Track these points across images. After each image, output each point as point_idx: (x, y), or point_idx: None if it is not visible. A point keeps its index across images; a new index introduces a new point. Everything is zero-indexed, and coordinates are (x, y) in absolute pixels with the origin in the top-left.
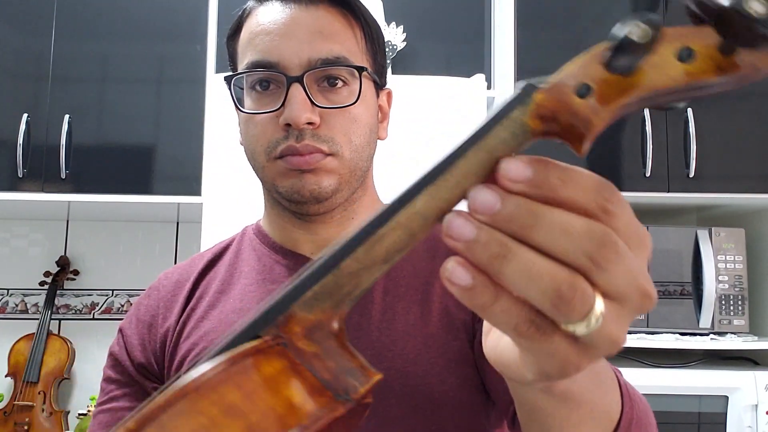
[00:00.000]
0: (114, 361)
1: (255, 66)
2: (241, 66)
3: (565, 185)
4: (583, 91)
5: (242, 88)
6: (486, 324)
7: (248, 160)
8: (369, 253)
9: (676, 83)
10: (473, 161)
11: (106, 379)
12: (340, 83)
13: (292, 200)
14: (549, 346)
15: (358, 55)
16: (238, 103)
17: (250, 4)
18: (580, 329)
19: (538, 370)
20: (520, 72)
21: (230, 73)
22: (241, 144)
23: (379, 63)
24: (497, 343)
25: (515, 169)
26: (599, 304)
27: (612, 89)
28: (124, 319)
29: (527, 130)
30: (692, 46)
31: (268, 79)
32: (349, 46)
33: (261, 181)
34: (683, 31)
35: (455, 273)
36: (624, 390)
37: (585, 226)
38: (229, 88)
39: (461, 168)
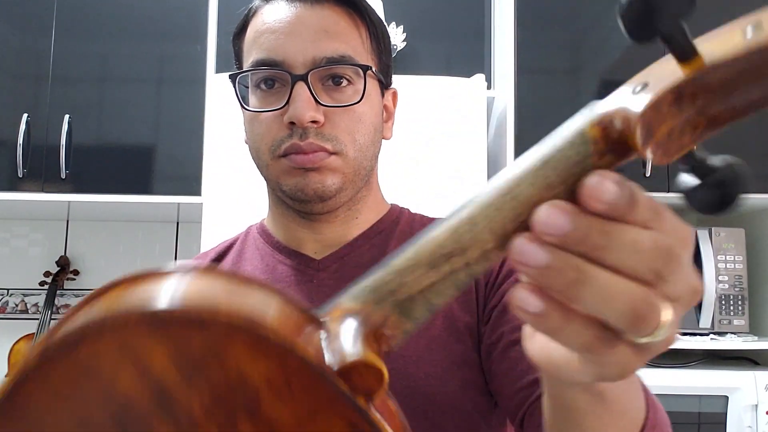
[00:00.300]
0: None
1: (260, 64)
2: (246, 64)
3: (632, 206)
4: (639, 89)
5: (247, 87)
6: (527, 327)
7: (252, 158)
8: (416, 253)
9: (737, 52)
10: (534, 177)
11: None
12: (344, 82)
13: (295, 198)
14: (613, 356)
15: (363, 55)
16: (243, 101)
17: (256, 2)
18: (647, 339)
19: (596, 375)
20: (520, 72)
21: (235, 71)
22: (246, 142)
23: (384, 62)
24: (545, 346)
25: (606, 189)
26: (667, 315)
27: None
28: None
29: (587, 140)
30: (763, 20)
31: (273, 78)
32: (354, 45)
33: (265, 179)
34: (756, 15)
35: (527, 301)
36: (647, 395)
37: (653, 241)
38: (234, 87)
39: (523, 180)
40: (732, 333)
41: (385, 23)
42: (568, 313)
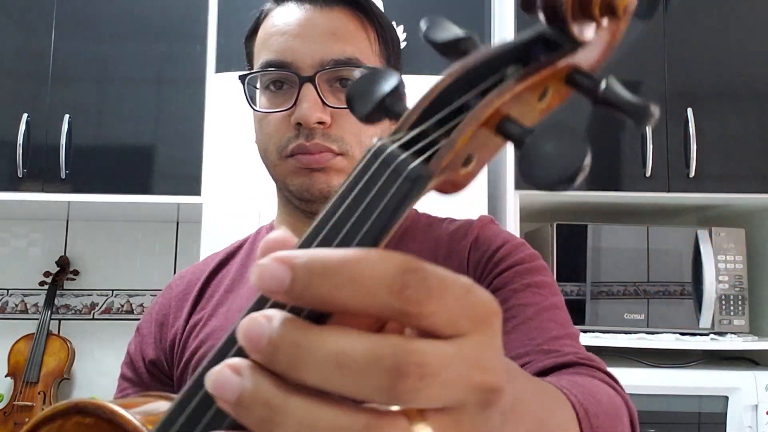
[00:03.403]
0: (129, 359)
1: (269, 66)
2: (257, 66)
3: (341, 287)
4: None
5: (257, 88)
6: None
7: (261, 158)
8: None
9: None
10: None
11: (122, 376)
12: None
13: (302, 198)
14: None
15: (371, 57)
16: (252, 102)
17: (267, 5)
18: None
19: None
20: None
21: (244, 72)
22: (256, 143)
23: (392, 65)
24: None
25: (270, 269)
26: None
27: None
28: (142, 318)
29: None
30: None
31: (282, 79)
32: (362, 47)
33: (273, 179)
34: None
35: None
36: (579, 410)
37: (368, 353)
38: (243, 87)
39: None
40: (732, 333)
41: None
42: None
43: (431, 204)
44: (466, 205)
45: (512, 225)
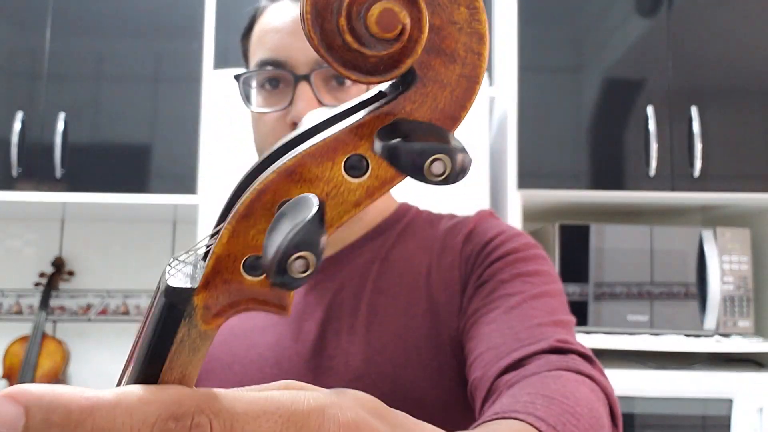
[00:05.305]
0: None
1: (264, 64)
2: (252, 64)
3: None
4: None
5: (252, 87)
6: None
7: (258, 158)
8: None
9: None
10: None
11: None
12: (348, 82)
13: None
14: None
15: None
16: (248, 101)
17: (262, 3)
18: None
19: None
20: (523, 69)
21: (239, 72)
22: (254, 142)
23: None
24: None
25: None
26: None
27: None
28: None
29: (208, 336)
30: None
31: (277, 78)
32: None
33: None
34: None
35: None
36: None
37: None
38: (239, 87)
39: None
40: (737, 334)
41: None
42: None
43: (434, 203)
44: (467, 205)
45: (514, 225)
